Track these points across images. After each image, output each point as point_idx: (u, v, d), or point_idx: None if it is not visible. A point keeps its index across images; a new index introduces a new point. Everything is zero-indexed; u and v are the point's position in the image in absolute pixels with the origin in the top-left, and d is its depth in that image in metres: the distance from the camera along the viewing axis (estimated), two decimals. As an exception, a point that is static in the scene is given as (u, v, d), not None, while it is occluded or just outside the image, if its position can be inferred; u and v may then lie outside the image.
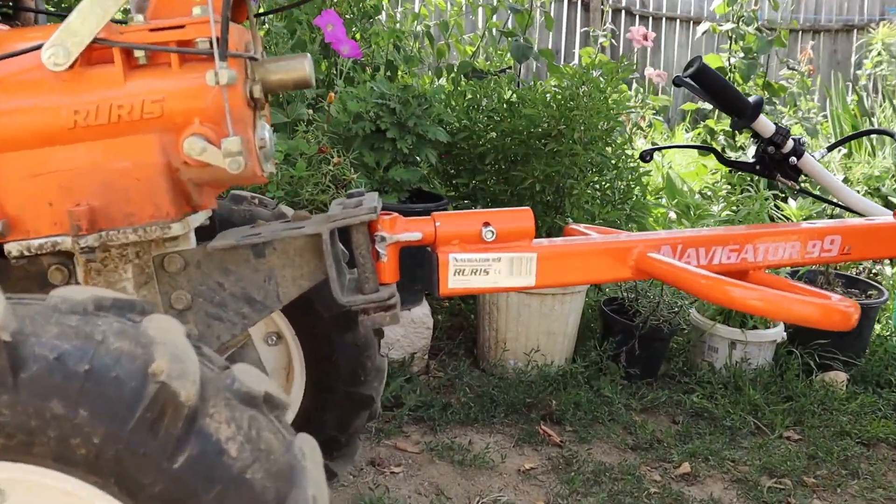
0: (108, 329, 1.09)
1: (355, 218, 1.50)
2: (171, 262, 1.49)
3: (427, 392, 3.06)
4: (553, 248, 1.65)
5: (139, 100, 1.36)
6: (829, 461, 2.83)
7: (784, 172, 2.25)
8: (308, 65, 1.47)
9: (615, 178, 3.38)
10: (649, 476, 2.67)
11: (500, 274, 1.60)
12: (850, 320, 1.47)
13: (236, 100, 1.36)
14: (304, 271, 1.54)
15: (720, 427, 3.02)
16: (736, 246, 1.76)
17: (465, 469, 2.62)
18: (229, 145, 1.33)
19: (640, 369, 3.34)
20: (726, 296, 1.51)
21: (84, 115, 1.36)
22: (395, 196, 3.08)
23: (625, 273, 1.69)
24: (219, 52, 1.31)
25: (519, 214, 1.64)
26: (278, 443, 1.14)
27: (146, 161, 1.37)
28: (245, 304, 1.53)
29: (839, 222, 1.91)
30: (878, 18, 8.97)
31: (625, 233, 1.89)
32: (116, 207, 1.38)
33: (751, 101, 2.17)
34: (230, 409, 1.10)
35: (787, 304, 1.49)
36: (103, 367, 1.05)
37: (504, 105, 3.40)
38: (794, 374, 3.37)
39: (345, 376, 2.14)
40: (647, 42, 4.15)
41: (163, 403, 1.05)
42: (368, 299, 1.52)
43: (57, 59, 1.34)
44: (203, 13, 1.36)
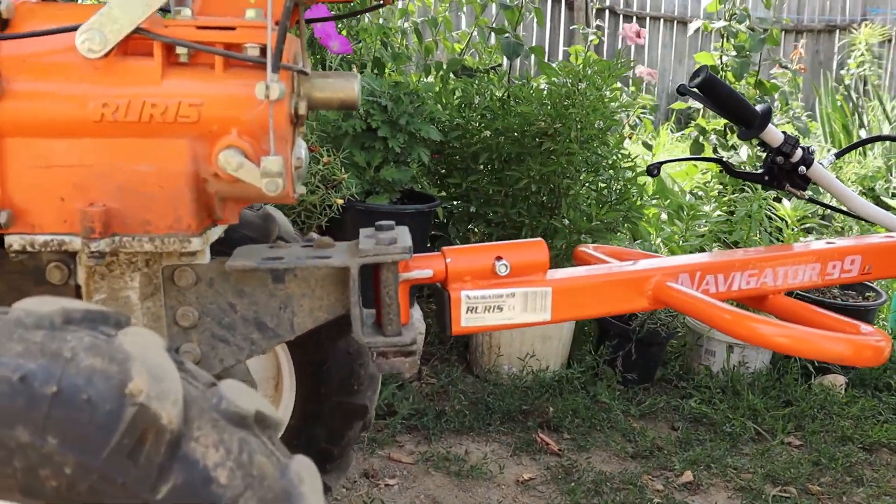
0: (79, 345, 0.98)
1: (388, 256, 1.40)
2: (182, 275, 1.38)
3: (420, 399, 2.96)
4: (567, 282, 1.57)
5: (175, 101, 1.24)
6: (833, 468, 2.76)
7: (793, 182, 2.18)
8: (357, 85, 1.36)
9: (611, 179, 3.30)
10: (651, 486, 2.59)
11: (514, 310, 1.52)
12: (882, 355, 1.40)
13: (281, 116, 1.25)
14: (323, 303, 1.44)
15: (720, 433, 2.95)
16: (755, 270, 1.69)
17: (461, 480, 2.53)
18: (270, 165, 1.22)
19: (636, 374, 3.26)
20: (752, 332, 1.44)
21: (113, 110, 1.23)
22: (387, 197, 2.99)
23: (642, 304, 1.62)
24: (272, 62, 1.20)
25: (532, 246, 1.57)
26: (272, 467, 1.03)
27: (173, 168, 1.26)
28: (255, 329, 1.42)
29: (858, 241, 1.84)
30: (860, 19, 8.97)
31: (641, 258, 1.80)
32: (133, 213, 1.27)
33: (759, 110, 2.10)
34: (218, 432, 0.99)
35: (816, 341, 1.42)
36: (73, 388, 0.94)
37: (497, 103, 3.31)
38: (792, 377, 3.30)
39: (337, 385, 2.04)
40: (639, 40, 4.08)
41: (142, 428, 0.94)
42: (390, 342, 1.43)
43: (92, 45, 1.22)
44: (257, 17, 1.25)
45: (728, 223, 3.75)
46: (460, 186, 3.33)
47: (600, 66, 3.17)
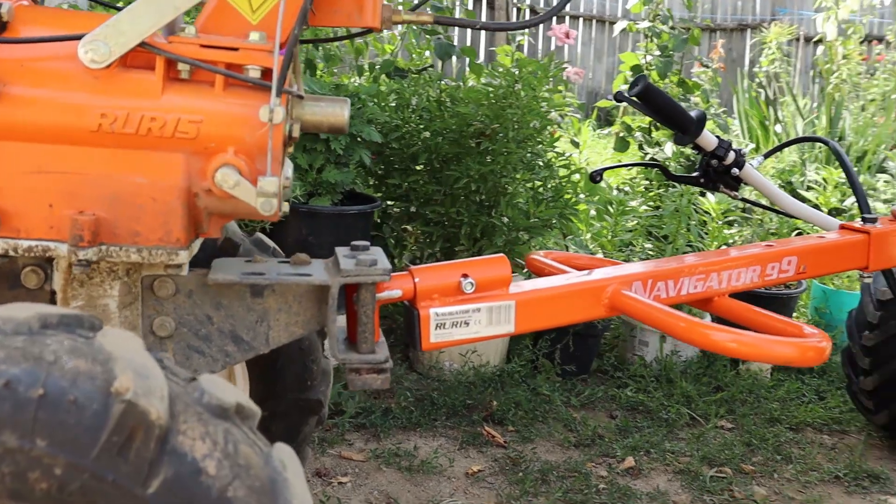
0: (60, 348, 1.00)
1: (369, 277, 1.45)
2: (161, 285, 1.40)
3: (366, 398, 3.00)
4: (529, 294, 1.66)
5: (175, 116, 1.26)
6: (764, 448, 2.90)
7: (727, 183, 2.30)
8: (347, 111, 1.41)
9: (547, 177, 3.39)
10: (596, 472, 2.69)
11: (480, 324, 1.60)
12: (824, 355, 1.52)
13: (278, 138, 1.28)
14: (299, 318, 1.48)
15: (657, 420, 3.07)
16: (702, 275, 1.80)
17: (413, 475, 2.58)
18: (266, 185, 1.25)
19: (574, 366, 3.36)
20: (706, 339, 1.55)
21: (111, 121, 1.25)
22: (329, 199, 3.02)
23: (599, 312, 1.72)
24: (276, 86, 1.23)
25: (495, 262, 1.65)
26: (257, 456, 1.07)
27: (167, 182, 1.28)
28: (231, 341, 1.45)
29: (794, 244, 1.97)
30: (770, 18, 9.31)
31: (594, 265, 1.90)
32: (123, 223, 1.28)
33: (694, 116, 2.20)
34: (203, 424, 1.03)
35: (765, 346, 1.53)
36: (59, 390, 0.96)
37: (434, 104, 3.37)
38: (721, 364, 3.45)
39: (291, 382, 2.07)
40: (569, 40, 4.19)
41: (131, 425, 0.96)
42: (364, 359, 1.48)
43: (96, 55, 1.23)
44: (261, 40, 1.28)
45: (657, 218, 3.88)
46: (400, 187, 3.38)
47: (535, 68, 3.26)
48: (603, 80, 9.58)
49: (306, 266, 1.51)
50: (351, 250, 1.54)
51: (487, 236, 3.29)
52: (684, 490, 2.62)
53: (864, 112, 6.12)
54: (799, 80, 8.83)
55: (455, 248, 3.31)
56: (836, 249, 1.99)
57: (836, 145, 2.33)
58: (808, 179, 4.69)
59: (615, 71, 9.55)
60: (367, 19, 1.43)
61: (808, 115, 5.67)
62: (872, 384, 2.77)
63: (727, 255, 1.86)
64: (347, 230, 3.06)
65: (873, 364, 2.74)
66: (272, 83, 1.24)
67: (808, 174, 4.70)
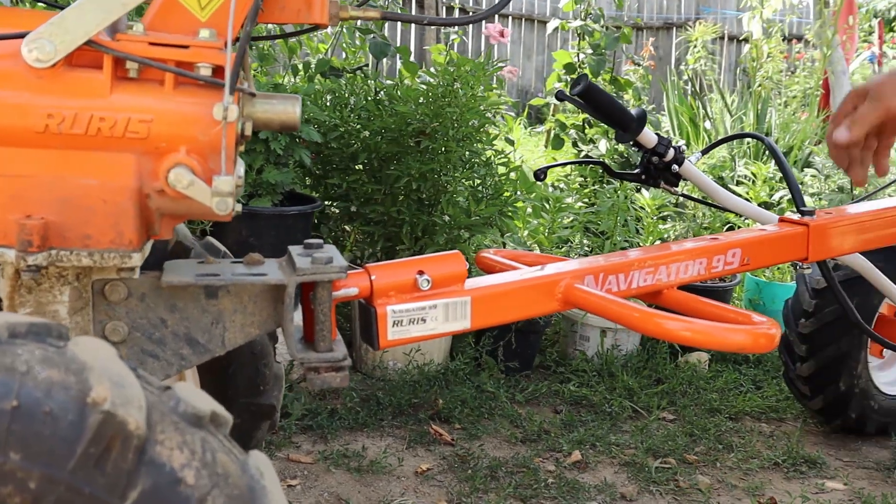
0: (32, 358, 0.96)
1: (325, 275, 1.43)
2: (112, 289, 1.35)
3: (311, 399, 2.98)
4: (485, 290, 1.66)
5: (125, 116, 1.22)
6: (706, 438, 2.96)
7: (667, 180, 2.33)
8: (299, 108, 1.38)
9: (486, 175, 3.40)
10: (544, 467, 2.71)
11: (437, 321, 1.59)
12: (775, 342, 1.55)
13: (231, 136, 1.24)
14: (255, 319, 1.45)
15: (601, 413, 3.11)
16: (651, 268, 1.82)
17: (362, 476, 2.57)
18: (221, 185, 1.21)
19: (517, 362, 3.38)
20: (659, 328, 1.56)
21: (58, 121, 1.20)
22: (269, 199, 2.98)
23: (553, 306, 1.72)
24: (230, 84, 1.20)
25: (451, 259, 1.64)
26: (234, 464, 1.04)
27: (118, 182, 1.23)
28: (186, 344, 1.42)
29: (738, 236, 2.01)
30: (695, 17, 9.52)
31: (545, 261, 1.91)
32: (74, 226, 1.23)
33: (634, 114, 2.23)
34: (180, 433, 1.00)
35: (717, 333, 1.55)
36: (33, 401, 0.92)
37: (373, 103, 3.35)
38: (661, 357, 3.51)
39: (243, 387, 2.04)
40: (503, 39, 4.21)
41: (109, 435, 0.93)
42: (322, 358, 1.45)
43: (41, 54, 1.18)
44: (211, 37, 1.24)
45: (595, 214, 3.93)
46: (340, 186, 3.35)
47: (473, 67, 3.27)
48: (533, 79, 9.67)
49: (260, 266, 1.48)
50: (304, 248, 1.52)
51: (429, 235, 3.29)
52: (631, 482, 2.66)
53: (786, 108, 6.30)
54: (724, 78, 9.04)
55: (396, 248, 3.31)
56: (777, 241, 2.04)
57: (771, 142, 2.39)
58: (737, 174, 4.80)
59: (545, 69, 9.66)
60: (316, 16, 1.41)
61: (736, 111, 5.81)
62: (808, 370, 2.85)
63: (674, 249, 1.89)
64: (288, 231, 3.03)
65: (809, 351, 2.82)
66: (224, 81, 1.21)
67: (738, 169, 4.81)
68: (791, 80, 7.37)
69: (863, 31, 8.46)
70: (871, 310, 2.80)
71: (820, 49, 5.96)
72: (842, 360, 2.81)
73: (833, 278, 2.38)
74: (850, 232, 2.12)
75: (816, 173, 4.30)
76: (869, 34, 8.72)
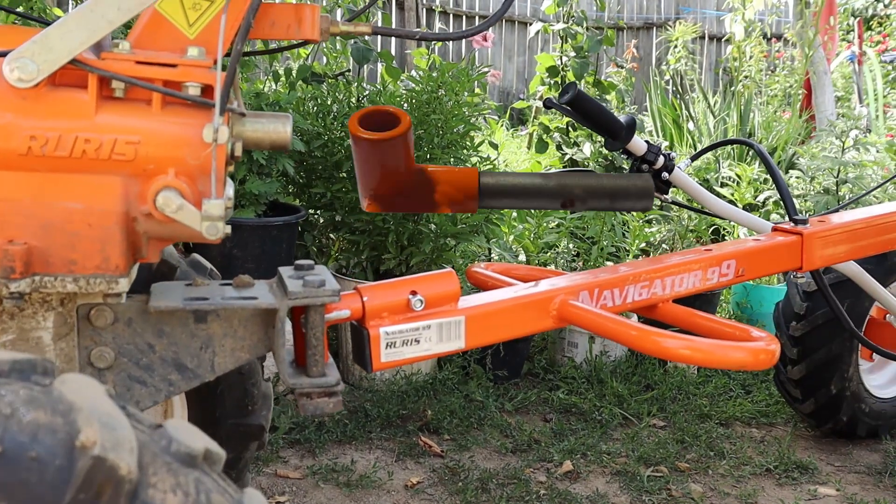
0: (16, 399, 0.91)
1: (318, 299, 1.39)
2: (98, 315, 1.31)
3: (298, 413, 2.93)
4: (478, 309, 1.63)
5: (111, 137, 1.18)
6: (697, 445, 2.94)
7: (657, 187, 2.31)
8: (290, 127, 1.34)
9: (472, 181, 3.36)
10: (535, 478, 2.68)
11: (430, 341, 1.57)
12: (775, 358, 1.53)
13: (221, 158, 1.21)
14: (245, 343, 1.41)
15: (591, 421, 3.08)
16: (646, 282, 1.80)
17: (352, 491, 2.53)
18: (211, 209, 1.18)
19: (506, 371, 3.35)
20: (657, 346, 1.54)
21: (42, 143, 1.16)
22: (253, 210, 2.94)
23: (547, 323, 1.70)
24: (220, 104, 1.16)
25: (443, 277, 1.62)
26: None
27: (103, 206, 1.19)
28: (174, 370, 1.38)
29: (732, 248, 1.99)
30: (675, 17, 9.53)
31: (538, 276, 1.88)
32: (58, 251, 1.19)
33: (624, 121, 2.20)
34: (173, 475, 0.96)
35: (717, 352, 1.53)
36: (18, 446, 0.88)
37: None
38: (650, 362, 3.49)
39: (231, 407, 2.00)
40: (486, 43, 4.18)
41: (99, 481, 0.89)
42: (315, 383, 1.42)
43: (23, 73, 1.14)
44: (200, 56, 1.21)
45: (581, 219, 3.91)
46: (324, 195, 3.31)
47: (457, 73, 3.23)
48: (514, 80, 9.65)
49: (250, 288, 1.44)
50: (295, 270, 1.48)
51: (415, 244, 3.25)
52: (623, 491, 2.64)
53: (768, 107, 6.31)
54: (705, 77, 9.05)
55: (382, 256, 3.27)
56: (771, 252, 2.02)
57: (761, 148, 2.37)
58: (722, 176, 4.79)
59: (526, 70, 9.64)
60: (307, 31, 1.37)
61: (719, 112, 5.81)
62: (799, 373, 2.83)
63: (669, 262, 1.87)
64: (273, 242, 2.98)
65: (801, 354, 2.80)
66: (214, 101, 1.18)
67: (723, 171, 4.81)
68: (771, 78, 7.39)
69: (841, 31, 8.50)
70: (862, 312, 2.79)
71: (801, 49, 5.97)
72: (833, 363, 2.80)
73: (826, 286, 2.37)
74: (844, 240, 2.11)
75: (801, 174, 4.30)
76: (847, 33, 8.77)
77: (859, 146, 4.12)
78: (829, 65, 6.20)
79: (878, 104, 7.15)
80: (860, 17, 8.39)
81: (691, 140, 5.44)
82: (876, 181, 4.23)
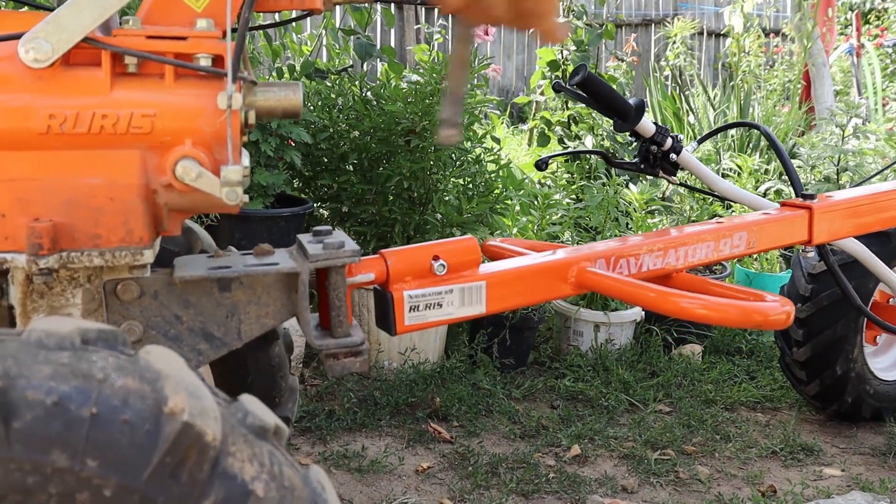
0: (107, 365, 0.96)
1: (338, 260, 1.43)
2: (125, 289, 1.34)
3: (308, 401, 2.96)
4: (499, 275, 1.67)
5: (127, 111, 1.21)
6: (703, 429, 2.97)
7: (665, 168, 2.34)
8: (301, 94, 1.37)
9: (477, 173, 3.40)
10: (544, 462, 2.71)
11: (452, 305, 1.61)
12: (790, 318, 1.57)
13: (236, 125, 1.24)
14: (269, 309, 1.44)
15: (597, 407, 3.11)
16: (660, 252, 1.83)
17: (363, 476, 2.56)
18: (230, 174, 1.21)
19: (512, 359, 3.38)
20: (676, 307, 1.58)
21: (60, 122, 1.19)
22: (261, 201, 2.97)
23: (566, 290, 1.74)
24: (232, 72, 1.20)
25: (465, 244, 1.65)
26: (297, 477, 1.04)
27: (124, 180, 1.23)
28: (202, 339, 1.41)
29: (743, 219, 2.02)
30: (672, 13, 9.56)
31: (554, 248, 1.92)
32: (82, 227, 1.23)
33: (633, 104, 2.24)
34: (250, 446, 1.00)
35: (733, 310, 1.56)
36: (111, 409, 0.92)
37: (361, 103, 3.35)
38: (654, 350, 3.52)
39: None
40: (488, 37, 4.21)
41: (186, 446, 0.94)
42: (340, 343, 1.45)
43: (38, 54, 1.17)
44: (209, 27, 1.24)
45: (585, 209, 3.94)
46: (330, 187, 3.34)
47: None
48: (514, 78, 9.68)
49: (270, 256, 1.48)
50: (314, 236, 1.51)
51: (421, 234, 3.29)
52: (631, 474, 2.67)
53: (766, 101, 6.34)
54: (704, 73, 9.09)
55: (389, 247, 3.30)
56: (781, 224, 2.05)
57: (767, 130, 2.40)
58: (723, 167, 4.82)
59: (525, 68, 9.67)
60: (309, 1, 1.41)
61: (719, 105, 5.85)
62: (805, 355, 2.86)
63: (683, 232, 1.90)
64: (281, 233, 3.01)
65: (806, 335, 2.83)
66: (225, 70, 1.21)
67: (724, 162, 4.84)
68: (770, 73, 7.42)
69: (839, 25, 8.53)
70: (867, 294, 2.82)
71: (800, 41, 6.00)
72: (838, 344, 2.82)
73: (834, 264, 2.40)
74: (851, 215, 2.15)
75: (802, 164, 4.33)
76: (845, 27, 8.80)
77: (859, 134, 4.15)
78: (827, 56, 6.23)
79: (877, 98, 7.18)
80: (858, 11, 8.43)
81: (692, 132, 5.47)
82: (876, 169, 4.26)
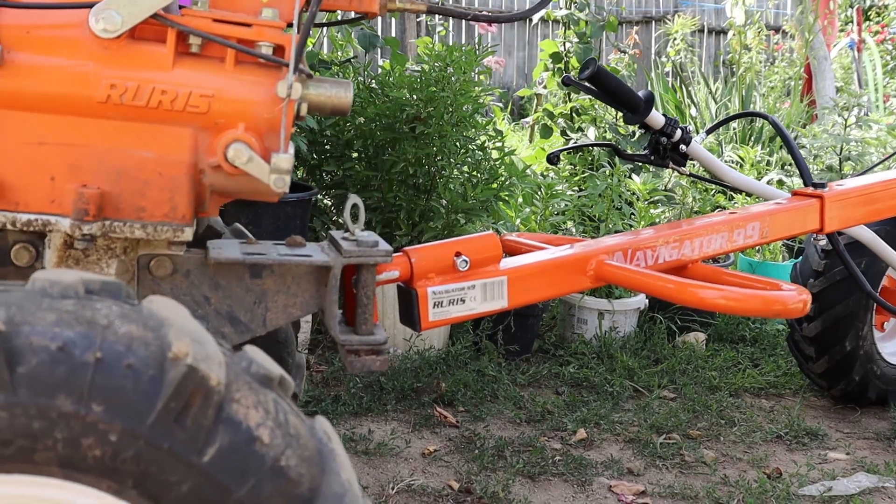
0: (111, 312, 0.97)
1: (371, 258, 1.45)
2: (159, 265, 1.36)
3: (314, 387, 2.97)
4: (520, 270, 1.70)
5: (186, 90, 1.23)
6: (708, 414, 2.98)
7: (675, 160, 2.35)
8: (351, 93, 1.39)
9: (481, 160, 3.41)
10: (550, 445, 2.72)
11: (475, 301, 1.63)
12: (807, 306, 1.58)
13: (291, 115, 1.27)
14: (297, 300, 1.46)
15: (602, 393, 3.12)
16: (676, 243, 1.85)
17: (370, 458, 2.57)
18: (281, 162, 1.23)
19: (517, 346, 3.39)
20: (695, 297, 1.60)
21: (121, 92, 1.22)
22: (267, 187, 2.97)
23: (585, 283, 1.76)
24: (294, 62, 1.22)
25: (486, 240, 1.68)
26: (303, 426, 1.05)
27: (174, 156, 1.25)
28: (228, 323, 1.42)
29: (756, 209, 2.04)
30: (673, 11, 9.58)
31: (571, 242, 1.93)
32: (128, 198, 1.24)
33: (642, 96, 2.25)
34: (254, 393, 1.01)
35: (751, 300, 1.59)
36: (115, 354, 0.93)
37: (366, 91, 3.36)
38: (658, 337, 3.53)
39: None
40: (492, 29, 4.23)
41: (191, 390, 0.94)
42: (364, 341, 1.47)
43: (108, 24, 1.20)
44: (273, 17, 1.26)
45: (588, 199, 3.95)
46: (336, 174, 3.35)
47: (463, 53, 3.28)
48: (514, 75, 9.69)
49: (302, 248, 1.49)
50: (345, 232, 1.53)
51: (426, 220, 3.30)
52: (637, 457, 2.67)
53: (767, 98, 6.35)
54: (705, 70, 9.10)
55: (394, 234, 3.31)
56: (793, 213, 2.07)
57: (775, 119, 2.41)
58: (726, 159, 4.83)
59: (526, 65, 9.68)
60: (366, 4, 1.43)
61: (721, 98, 5.86)
62: (815, 330, 2.85)
63: (697, 224, 1.92)
64: (287, 219, 3.02)
65: (818, 310, 2.82)
66: (287, 60, 1.23)
67: (726, 154, 4.85)
68: (770, 70, 7.43)
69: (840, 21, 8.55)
70: (879, 272, 2.81)
71: (801, 35, 6.02)
72: (849, 319, 2.82)
73: (843, 250, 2.40)
74: (862, 203, 2.16)
75: (805, 155, 4.34)
76: (846, 24, 8.82)
77: (861, 123, 4.16)
78: (828, 50, 6.25)
79: (878, 94, 7.20)
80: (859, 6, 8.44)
81: (694, 125, 5.48)
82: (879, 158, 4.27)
